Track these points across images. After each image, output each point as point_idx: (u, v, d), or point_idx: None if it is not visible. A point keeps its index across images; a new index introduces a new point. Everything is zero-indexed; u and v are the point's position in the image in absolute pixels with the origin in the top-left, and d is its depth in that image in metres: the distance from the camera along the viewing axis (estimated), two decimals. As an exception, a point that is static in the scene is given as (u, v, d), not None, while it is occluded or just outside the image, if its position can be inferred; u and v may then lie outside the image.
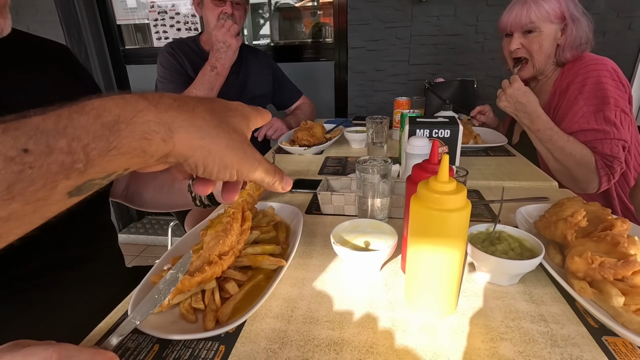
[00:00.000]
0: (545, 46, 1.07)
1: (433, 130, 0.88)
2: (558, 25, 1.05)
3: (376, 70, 1.80)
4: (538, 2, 1.03)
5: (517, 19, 1.07)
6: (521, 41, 1.10)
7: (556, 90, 1.09)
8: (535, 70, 1.12)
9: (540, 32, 1.06)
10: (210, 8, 1.31)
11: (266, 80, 1.56)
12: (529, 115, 1.01)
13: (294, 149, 1.22)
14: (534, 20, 1.04)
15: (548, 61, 1.11)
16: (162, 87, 1.33)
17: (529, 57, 1.11)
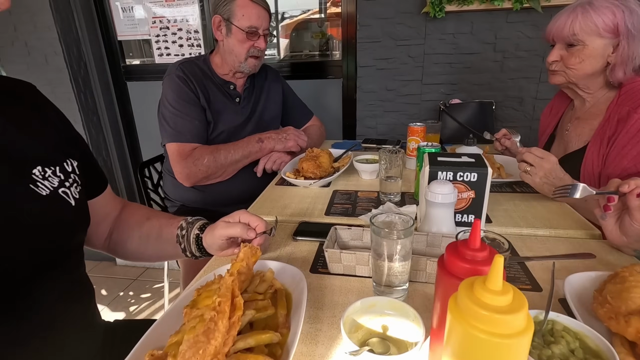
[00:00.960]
0: (588, 62, 0.94)
1: (457, 173, 0.77)
2: (609, 40, 0.91)
3: (387, 89, 1.70)
4: (587, 13, 0.90)
5: (559, 29, 0.95)
6: (561, 53, 0.97)
7: (611, 116, 0.94)
8: (567, 80, 1.00)
9: (584, 46, 0.92)
10: (240, 39, 1.21)
11: (276, 102, 1.46)
12: None
13: (299, 181, 1.11)
14: (577, 33, 0.91)
15: (591, 79, 0.98)
16: (176, 122, 1.18)
17: (564, 72, 0.99)
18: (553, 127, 1.20)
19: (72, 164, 0.62)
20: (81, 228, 0.64)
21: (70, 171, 0.61)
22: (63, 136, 0.64)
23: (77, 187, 0.61)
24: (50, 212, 0.55)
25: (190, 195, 1.31)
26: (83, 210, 0.63)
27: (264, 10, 1.21)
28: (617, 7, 0.89)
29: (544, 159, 0.89)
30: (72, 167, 0.62)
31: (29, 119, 0.59)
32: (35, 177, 0.55)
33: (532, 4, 1.41)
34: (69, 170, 0.61)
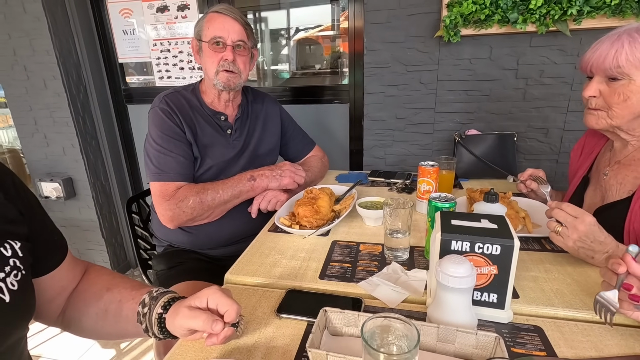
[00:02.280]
0: (633, 99, 0.79)
1: (476, 244, 0.62)
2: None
3: (397, 118, 1.56)
4: (634, 42, 0.76)
5: (600, 59, 0.80)
6: (600, 87, 0.83)
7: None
8: (609, 123, 0.85)
9: (630, 81, 0.78)
10: (208, 54, 1.12)
11: (273, 134, 1.35)
12: (610, 256, 0.74)
13: (294, 230, 0.98)
14: (623, 65, 0.77)
15: (637, 121, 0.83)
16: (159, 159, 1.09)
17: (606, 110, 0.84)
18: (586, 168, 1.04)
19: (14, 246, 0.51)
20: (20, 325, 0.53)
21: (10, 255, 0.50)
22: (3, 212, 0.53)
23: (18, 273, 0.51)
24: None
25: (177, 236, 1.20)
26: (23, 303, 0.52)
27: (231, 19, 1.10)
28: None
29: (577, 218, 0.74)
30: (13, 249, 0.51)
31: None
32: None
33: (560, 27, 1.27)
34: (8, 254, 0.50)
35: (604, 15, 1.23)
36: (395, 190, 1.33)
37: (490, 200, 0.78)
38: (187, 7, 1.83)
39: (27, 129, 2.00)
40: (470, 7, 1.28)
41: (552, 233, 0.78)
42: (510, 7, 1.27)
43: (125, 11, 1.91)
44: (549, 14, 1.25)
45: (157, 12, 1.86)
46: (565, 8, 1.23)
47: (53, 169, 2.05)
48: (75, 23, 1.89)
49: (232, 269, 0.84)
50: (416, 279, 0.76)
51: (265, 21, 2.10)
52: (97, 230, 2.12)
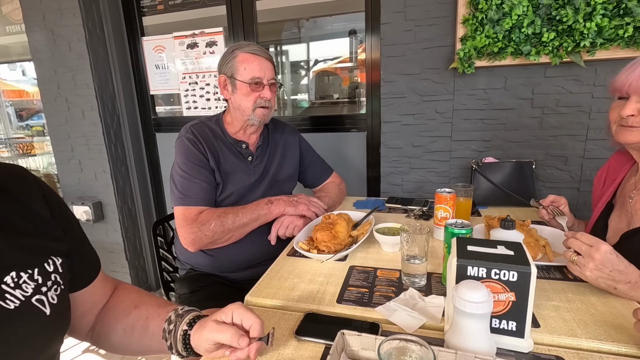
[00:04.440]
0: None
1: (492, 270, 0.63)
2: None
3: (413, 146, 1.60)
4: None
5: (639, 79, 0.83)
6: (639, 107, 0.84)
7: None
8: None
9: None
10: (245, 93, 1.20)
11: (292, 161, 1.40)
12: (634, 286, 0.72)
13: (312, 255, 1.00)
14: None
15: None
16: (183, 185, 1.15)
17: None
18: (610, 194, 1.03)
19: (56, 262, 0.56)
20: (57, 338, 0.57)
21: (52, 271, 0.55)
22: (49, 230, 0.58)
23: (58, 288, 0.56)
24: (19, 328, 0.49)
25: (199, 259, 1.24)
26: (61, 316, 0.57)
27: (265, 60, 1.19)
28: None
29: (593, 247, 0.74)
30: (55, 265, 0.56)
31: (7, 215, 0.54)
32: (5, 287, 0.49)
33: (574, 58, 1.30)
34: (50, 270, 0.55)
35: (618, 46, 1.25)
36: (412, 217, 1.34)
37: (507, 227, 0.79)
38: (215, 43, 1.96)
39: (64, 155, 2.14)
40: (483, 41, 1.33)
41: (569, 262, 0.77)
42: (523, 40, 1.31)
43: (158, 47, 2.07)
44: (562, 46, 1.28)
45: (187, 49, 2.01)
46: (577, 40, 1.26)
47: (85, 193, 2.16)
48: (113, 59, 2.05)
49: (252, 291, 0.87)
50: (433, 305, 0.77)
51: (286, 54, 2.22)
52: (121, 253, 2.19)
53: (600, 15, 1.22)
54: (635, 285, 0.73)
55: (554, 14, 1.27)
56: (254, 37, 1.93)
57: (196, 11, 2.01)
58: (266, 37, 2.10)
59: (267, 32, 2.06)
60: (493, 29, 1.32)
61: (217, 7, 1.96)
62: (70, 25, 1.90)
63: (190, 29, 1.99)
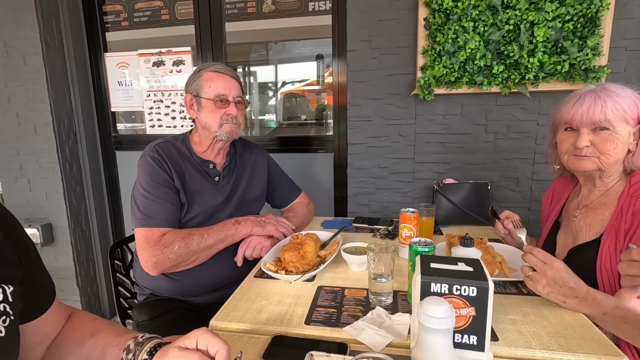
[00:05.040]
0: (620, 148, 0.89)
1: (454, 286, 0.66)
2: (632, 128, 0.89)
3: (379, 167, 1.65)
4: (614, 98, 0.88)
5: (589, 113, 0.90)
6: (591, 138, 0.92)
7: (624, 207, 0.88)
8: (600, 166, 0.93)
9: (615, 132, 0.89)
10: (210, 110, 1.19)
11: (260, 181, 1.40)
12: (582, 300, 0.78)
13: (280, 276, 1.00)
14: (611, 119, 0.88)
15: (616, 166, 0.93)
16: (146, 205, 1.11)
17: (597, 158, 0.92)
18: (557, 213, 1.12)
19: (6, 290, 0.52)
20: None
21: (1, 300, 0.51)
22: (2, 254, 0.54)
23: (7, 319, 0.51)
24: None
25: (161, 283, 1.18)
26: (8, 350, 0.52)
27: (231, 78, 1.21)
28: (634, 96, 0.89)
29: (547, 264, 0.79)
30: (4, 294, 0.52)
31: None
32: None
33: (520, 89, 1.43)
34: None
35: (557, 80, 1.40)
36: (378, 236, 1.37)
37: (466, 244, 0.83)
38: (182, 62, 1.95)
39: (11, 174, 1.99)
40: (441, 70, 1.43)
41: (525, 277, 0.83)
42: (476, 72, 1.43)
43: (122, 64, 2.02)
44: (510, 78, 1.41)
45: (153, 66, 1.98)
46: (523, 73, 1.39)
47: (33, 214, 2.01)
48: (72, 74, 1.97)
49: (217, 315, 0.84)
50: (400, 323, 0.78)
51: (254, 75, 2.25)
52: (72, 279, 2.03)
53: (541, 52, 1.36)
54: (582, 300, 0.79)
55: (502, 49, 1.40)
56: (223, 58, 1.94)
57: (163, 29, 2.00)
58: (235, 58, 2.12)
59: (236, 53, 2.08)
60: (450, 60, 1.43)
61: (185, 26, 1.96)
62: (27, 37, 1.81)
63: (157, 47, 1.97)
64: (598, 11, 1.31)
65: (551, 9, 1.32)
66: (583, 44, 1.34)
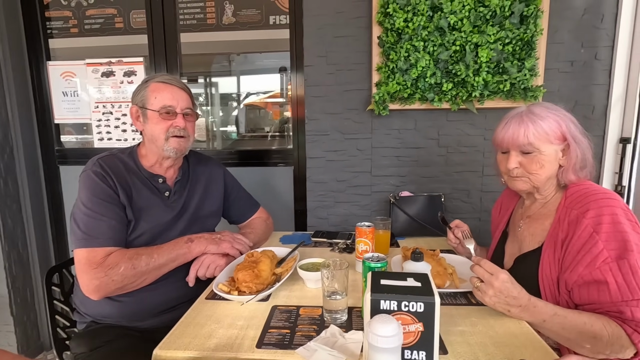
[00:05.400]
0: (547, 167, 0.95)
1: (402, 302, 0.67)
2: (558, 146, 0.95)
3: (337, 180, 1.67)
4: (536, 122, 0.93)
5: (514, 138, 0.96)
6: (519, 160, 0.98)
7: (561, 218, 0.93)
8: (532, 185, 0.99)
9: (540, 153, 0.94)
10: (156, 122, 1.14)
11: (216, 196, 1.35)
12: (524, 309, 0.82)
13: (232, 297, 0.96)
14: (533, 142, 0.94)
15: (549, 182, 0.99)
16: (88, 224, 1.03)
17: (527, 178, 0.98)
18: (505, 223, 1.18)
19: None
20: None
21: None
22: None
23: None
24: None
25: (103, 308, 1.09)
26: None
27: (179, 89, 1.17)
28: (557, 116, 0.95)
29: (493, 275, 0.83)
30: None
31: None
32: None
33: (468, 106, 1.51)
34: None
35: (500, 98, 1.49)
36: (337, 251, 1.37)
37: (416, 259, 0.85)
38: (134, 73, 1.87)
39: None
40: (395, 87, 1.48)
41: (474, 288, 0.85)
42: (427, 88, 1.49)
43: (67, 74, 1.90)
44: (458, 95, 1.49)
45: (102, 77, 1.88)
46: (470, 91, 1.48)
47: (-41, 236, 1.80)
48: (9, 83, 1.82)
49: (162, 343, 0.79)
50: (353, 341, 0.77)
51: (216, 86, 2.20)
52: (5, 307, 1.84)
53: (485, 71, 1.45)
54: (524, 308, 0.82)
55: (450, 68, 1.47)
56: (177, 69, 1.89)
57: (114, 38, 1.91)
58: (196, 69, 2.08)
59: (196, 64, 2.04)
60: (402, 77, 1.48)
61: (139, 35, 1.89)
62: (-45, 43, 1.66)
63: (107, 56, 1.88)
64: (533, 36, 1.43)
65: (492, 32, 1.42)
66: (521, 65, 1.44)
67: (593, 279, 0.82)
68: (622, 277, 0.80)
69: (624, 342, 0.79)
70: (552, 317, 0.82)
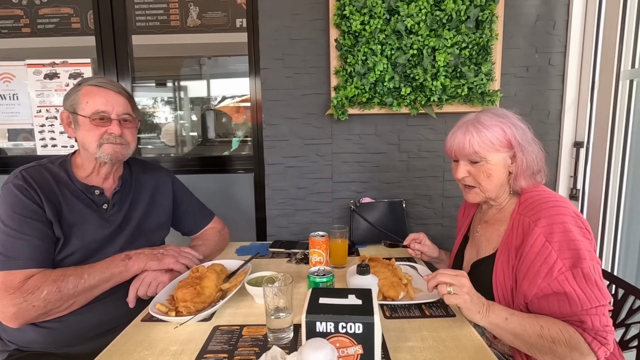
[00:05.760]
0: (495, 175, 0.94)
1: (340, 324, 0.61)
2: (506, 153, 0.93)
3: (297, 187, 1.61)
4: (480, 131, 0.92)
5: (460, 147, 0.95)
6: (468, 169, 0.96)
7: (514, 224, 0.91)
8: (485, 196, 0.98)
9: (487, 162, 0.93)
10: (87, 129, 1.04)
11: (164, 207, 1.26)
12: (487, 307, 0.81)
13: (169, 318, 0.87)
14: (478, 151, 0.92)
15: (501, 189, 0.97)
16: (6, 243, 0.92)
17: (478, 186, 0.97)
18: (466, 227, 1.16)
19: None
20: None
21: None
22: None
23: None
24: None
25: (28, 335, 0.98)
26: None
27: (115, 93, 1.07)
28: (503, 124, 0.93)
29: (458, 275, 0.82)
30: None
31: None
32: None
33: (427, 110, 1.49)
34: None
35: (458, 102, 1.48)
36: (294, 262, 1.31)
37: (362, 272, 0.80)
38: (80, 75, 1.75)
39: None
40: (353, 91, 1.44)
41: (446, 296, 0.81)
42: (386, 93, 1.47)
43: (5, 76, 1.75)
44: (417, 100, 1.47)
45: (45, 79, 1.75)
46: (428, 95, 1.46)
47: None
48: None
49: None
50: (294, 365, 0.71)
51: (185, 90, 2.12)
52: None
53: (443, 76, 1.43)
54: (487, 307, 0.81)
55: (408, 72, 1.45)
56: (129, 72, 1.78)
57: (58, 39, 1.79)
58: (165, 72, 2.00)
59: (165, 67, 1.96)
60: (361, 81, 1.45)
61: (85, 37, 1.77)
62: None
63: (50, 58, 1.75)
64: (489, 40, 1.43)
65: (449, 36, 1.41)
66: (478, 70, 1.44)
67: (552, 291, 0.81)
68: (578, 286, 0.79)
69: (584, 350, 0.77)
70: (512, 316, 0.80)
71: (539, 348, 0.79)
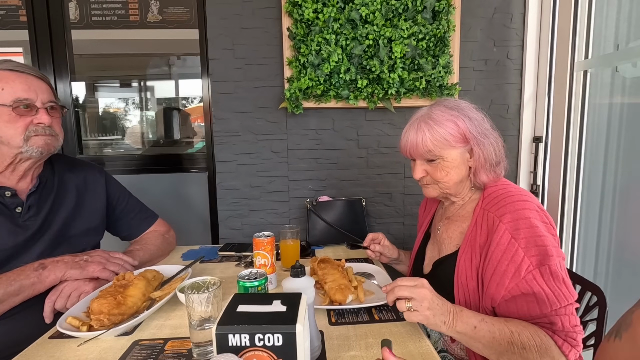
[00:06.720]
0: (454, 172, 0.88)
1: (256, 336, 0.52)
2: (463, 148, 0.87)
3: (251, 186, 1.51)
4: (432, 128, 0.85)
5: (413, 147, 0.88)
6: (424, 168, 0.90)
7: (478, 220, 0.86)
8: (443, 192, 0.92)
9: (444, 160, 0.87)
10: (8, 119, 0.90)
11: (95, 209, 1.13)
12: (454, 315, 0.74)
13: (80, 334, 0.76)
14: (432, 149, 0.86)
15: (461, 185, 0.91)
16: None
17: (436, 185, 0.91)
18: (427, 224, 1.10)
19: None
20: None
21: None
22: None
23: None
24: None
25: None
26: None
27: (35, 78, 0.95)
28: (456, 117, 0.87)
29: (417, 285, 0.73)
30: None
31: None
32: None
33: (385, 104, 1.43)
34: None
35: (417, 95, 1.43)
36: (243, 265, 1.21)
37: (296, 274, 0.71)
38: (10, 66, 1.59)
39: None
40: (307, 83, 1.36)
41: (406, 313, 0.73)
42: (342, 85, 1.40)
43: None
44: (375, 93, 1.41)
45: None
46: (386, 88, 1.40)
47: None
48: None
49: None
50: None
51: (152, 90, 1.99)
52: None
53: (400, 68, 1.38)
54: (454, 315, 0.73)
55: (365, 64, 1.39)
56: (67, 69, 1.64)
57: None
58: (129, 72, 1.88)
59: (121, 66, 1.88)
60: (315, 72, 1.37)
61: (17, 31, 1.63)
62: None
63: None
64: (446, 32, 1.39)
65: (405, 26, 1.36)
66: (436, 62, 1.40)
67: (521, 292, 0.75)
68: (547, 285, 0.73)
69: (555, 354, 0.72)
70: (481, 323, 0.73)
71: (508, 356, 0.73)
